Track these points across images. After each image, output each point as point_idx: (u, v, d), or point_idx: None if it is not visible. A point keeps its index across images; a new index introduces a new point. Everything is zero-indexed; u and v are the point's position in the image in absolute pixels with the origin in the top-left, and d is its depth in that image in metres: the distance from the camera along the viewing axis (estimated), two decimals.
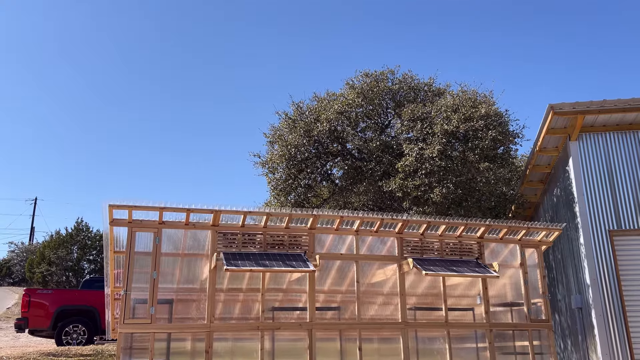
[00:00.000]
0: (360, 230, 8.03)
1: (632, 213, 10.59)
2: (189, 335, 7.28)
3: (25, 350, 11.41)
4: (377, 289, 8.46)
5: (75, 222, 35.57)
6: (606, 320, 10.09)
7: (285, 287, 8.20)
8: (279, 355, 7.61)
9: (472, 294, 8.57)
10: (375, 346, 8.05)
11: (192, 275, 7.65)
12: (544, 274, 8.55)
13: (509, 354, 8.32)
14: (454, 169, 12.58)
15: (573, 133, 11.02)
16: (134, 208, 6.87)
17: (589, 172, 10.97)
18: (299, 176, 14.36)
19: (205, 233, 7.47)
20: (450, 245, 8.38)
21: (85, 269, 34.71)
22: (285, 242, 7.69)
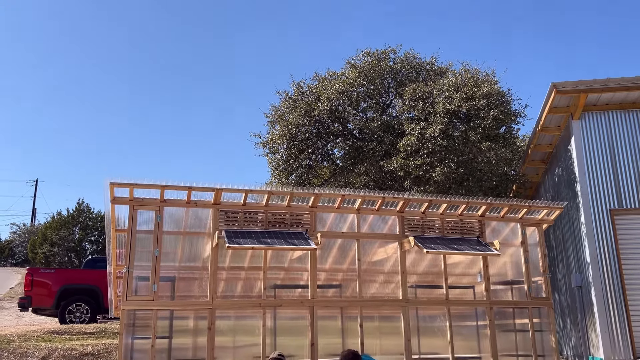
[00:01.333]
0: (361, 209, 8.03)
1: (634, 192, 10.58)
2: (192, 313, 7.33)
3: (29, 328, 11.51)
4: (378, 267, 8.50)
5: (76, 203, 35.67)
6: (606, 298, 10.15)
7: (286, 265, 8.24)
8: (281, 332, 7.67)
9: (472, 272, 8.61)
10: (376, 324, 8.11)
11: (194, 254, 7.68)
12: (544, 253, 8.57)
13: (509, 331, 8.38)
14: (455, 148, 12.54)
15: (575, 112, 10.96)
16: (135, 186, 6.86)
17: (591, 151, 10.94)
18: (299, 156, 14.34)
19: (206, 211, 7.47)
20: (452, 223, 8.39)
21: (87, 250, 34.90)
22: (286, 221, 7.70)
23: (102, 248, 32.45)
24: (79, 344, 9.61)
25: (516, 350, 8.30)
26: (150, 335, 6.74)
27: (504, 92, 13.53)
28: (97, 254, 32.32)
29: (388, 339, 7.95)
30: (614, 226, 10.48)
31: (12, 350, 8.93)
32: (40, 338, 10.15)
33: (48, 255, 33.10)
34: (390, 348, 7.82)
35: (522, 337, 8.30)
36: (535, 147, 12.81)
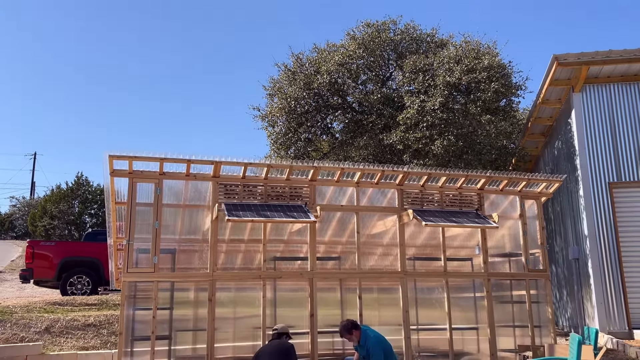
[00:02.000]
0: (360, 182, 8.03)
1: (633, 165, 10.59)
2: (192, 285, 7.40)
3: (31, 300, 11.63)
4: (377, 240, 8.55)
5: (75, 177, 35.64)
6: (602, 270, 10.25)
7: (286, 238, 8.28)
8: (281, 304, 7.75)
9: (471, 244, 8.67)
10: (375, 296, 8.20)
11: (194, 226, 7.71)
12: (543, 225, 8.62)
13: (506, 302, 8.48)
14: (455, 121, 12.49)
15: (577, 84, 10.88)
16: (134, 159, 6.84)
17: (591, 124, 10.90)
18: (298, 130, 14.27)
19: (206, 184, 7.47)
20: (451, 196, 8.41)
21: (87, 223, 35.01)
22: (286, 194, 7.71)
23: (102, 221, 32.56)
24: (81, 315, 9.72)
25: (513, 321, 8.41)
26: (151, 307, 6.81)
27: (504, 65, 13.41)
28: (97, 227, 32.44)
29: (386, 311, 8.04)
30: (613, 199, 10.51)
31: (15, 321, 9.03)
32: (43, 309, 10.26)
33: (48, 228, 33.22)
34: (388, 319, 7.92)
35: (519, 308, 8.40)
36: (536, 120, 12.77)
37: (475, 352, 8.20)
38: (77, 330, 9.17)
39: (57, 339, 8.83)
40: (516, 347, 8.09)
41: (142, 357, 6.85)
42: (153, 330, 6.73)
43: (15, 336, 8.57)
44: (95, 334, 9.13)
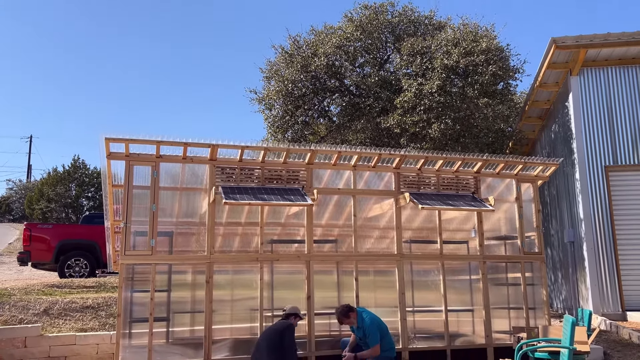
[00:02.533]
0: (357, 166, 8.04)
1: (629, 149, 10.62)
2: (190, 268, 7.43)
3: (29, 282, 11.68)
4: (374, 223, 8.58)
5: (72, 160, 35.56)
6: (597, 253, 10.33)
7: (283, 221, 8.30)
8: (278, 286, 7.81)
9: (467, 228, 8.71)
10: (371, 278, 8.26)
11: (191, 209, 7.72)
12: (538, 209, 8.66)
13: (501, 284, 8.56)
14: (452, 104, 12.47)
15: (574, 68, 10.86)
16: (131, 141, 6.82)
17: (588, 108, 10.90)
18: (296, 113, 14.23)
19: (203, 167, 7.47)
20: (447, 180, 8.43)
21: (84, 206, 35.02)
22: (283, 177, 7.71)
23: (100, 204, 32.56)
24: (79, 297, 9.77)
25: (508, 304, 8.49)
26: (149, 289, 6.85)
27: (502, 48, 13.36)
28: (94, 210, 32.46)
29: (383, 293, 8.11)
30: (608, 183, 10.56)
31: (14, 303, 9.08)
32: (41, 291, 10.31)
33: (45, 211, 33.24)
34: (384, 301, 7.99)
35: (514, 290, 8.48)
36: (533, 104, 12.76)
37: (470, 334, 8.29)
38: (75, 312, 9.22)
39: (56, 320, 8.88)
40: (511, 329, 8.18)
41: (140, 338, 6.90)
42: (151, 312, 6.78)
43: (14, 318, 8.62)
44: (93, 316, 9.19)
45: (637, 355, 7.64)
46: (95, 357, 8.40)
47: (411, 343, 7.82)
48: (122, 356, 6.65)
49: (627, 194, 10.58)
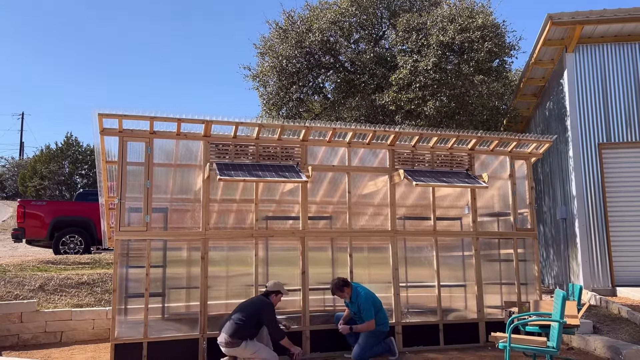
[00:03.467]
0: (352, 143, 8.03)
1: (623, 126, 10.66)
2: (185, 244, 7.45)
3: (24, 259, 11.70)
4: (368, 200, 8.61)
5: (64, 137, 35.32)
6: (588, 230, 10.44)
7: (278, 198, 8.31)
8: (273, 263, 7.86)
9: (460, 204, 8.76)
10: (365, 254, 8.32)
11: (185, 186, 7.71)
12: (532, 185, 8.71)
13: (493, 260, 8.65)
14: (448, 82, 12.42)
15: (570, 44, 10.82)
16: (124, 117, 6.77)
17: (583, 85, 10.90)
18: (290, 90, 14.14)
19: (197, 144, 7.44)
20: (441, 157, 8.45)
21: (78, 184, 34.91)
22: (277, 154, 7.70)
23: (93, 182, 32.47)
24: (75, 274, 9.81)
25: (500, 279, 8.59)
26: (144, 265, 6.88)
27: (498, 24, 13.27)
28: (88, 188, 32.37)
29: (376, 269, 8.18)
30: (601, 160, 10.62)
31: (9, 280, 9.11)
32: (36, 268, 10.34)
33: (39, 188, 33.12)
34: (378, 277, 8.07)
35: (507, 266, 8.57)
36: (528, 81, 12.73)
37: (462, 309, 8.41)
38: (70, 288, 9.27)
39: (52, 296, 8.93)
40: (502, 304, 8.30)
41: (135, 314, 6.96)
42: (147, 288, 6.82)
43: (10, 294, 8.66)
44: (89, 292, 9.25)
45: (626, 329, 7.79)
46: (91, 333, 8.48)
47: (404, 318, 7.93)
48: (118, 331, 6.71)
49: (619, 171, 10.65)
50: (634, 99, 10.69)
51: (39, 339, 8.14)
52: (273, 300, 6.56)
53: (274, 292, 6.61)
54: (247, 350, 6.11)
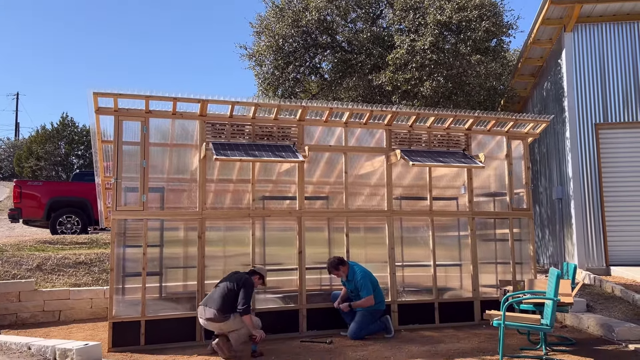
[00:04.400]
0: (349, 122, 8.01)
1: (620, 106, 10.65)
2: (182, 224, 7.46)
3: (21, 239, 11.72)
4: (365, 180, 8.61)
5: (60, 117, 35.10)
6: (584, 210, 10.50)
7: (274, 178, 8.32)
8: (270, 243, 7.89)
9: (457, 185, 8.78)
10: (362, 235, 8.35)
11: (182, 166, 7.70)
12: (528, 166, 8.72)
13: (489, 240, 8.70)
14: (445, 62, 12.35)
15: (569, 24, 10.75)
16: (120, 96, 6.72)
17: (581, 65, 10.86)
18: (286, 69, 14.05)
19: (193, 123, 7.40)
20: (438, 137, 8.43)
21: (75, 164, 34.81)
22: (274, 134, 7.67)
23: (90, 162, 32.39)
24: (72, 254, 9.84)
25: (495, 259, 8.66)
26: (141, 244, 6.90)
27: (496, 3, 13.17)
28: (85, 169, 32.30)
29: (373, 249, 8.22)
30: (598, 141, 10.63)
31: (7, 259, 9.13)
32: (33, 247, 10.36)
33: (35, 169, 33.03)
34: (374, 257, 8.12)
35: (502, 246, 8.63)
36: (526, 61, 12.67)
37: (458, 288, 8.48)
38: (68, 267, 9.30)
39: (49, 276, 8.97)
40: (497, 283, 8.37)
41: (133, 293, 6.99)
42: (144, 267, 6.85)
43: (7, 273, 8.69)
44: (86, 272, 9.29)
45: (619, 308, 7.88)
46: (89, 312, 8.53)
47: (400, 297, 8.00)
48: (116, 310, 6.75)
49: (616, 151, 10.68)
50: (631, 79, 10.66)
51: (38, 317, 8.19)
52: (255, 281, 6.55)
53: (258, 275, 6.62)
54: (236, 322, 6.12)
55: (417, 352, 6.30)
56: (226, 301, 6.17)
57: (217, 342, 6.09)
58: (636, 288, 8.53)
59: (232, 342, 6.15)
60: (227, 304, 6.15)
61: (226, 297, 6.19)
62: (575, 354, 6.12)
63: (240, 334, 6.18)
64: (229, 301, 6.17)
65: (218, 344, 6.08)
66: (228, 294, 6.20)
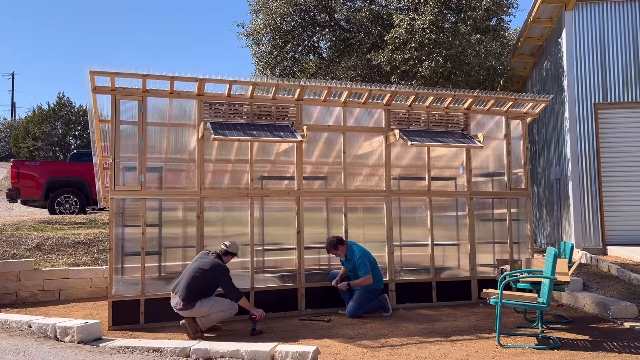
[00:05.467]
0: (348, 102, 7.97)
1: (620, 86, 10.61)
2: (180, 204, 7.47)
3: (20, 219, 11.72)
4: (364, 160, 8.61)
5: (56, 97, 34.87)
6: (582, 190, 10.53)
7: (273, 158, 8.30)
8: (269, 223, 7.90)
9: (455, 165, 8.78)
10: (360, 215, 8.37)
11: (180, 145, 7.67)
12: (527, 145, 8.71)
13: (487, 220, 8.73)
14: (444, 41, 12.25)
15: (569, 2, 10.65)
16: (117, 75, 6.66)
17: (581, 44, 10.78)
18: (284, 48, 13.93)
19: (190, 103, 7.36)
20: (437, 117, 8.40)
21: (72, 145, 34.70)
22: (272, 113, 7.64)
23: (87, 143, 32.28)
24: (71, 233, 9.85)
25: (493, 238, 8.70)
26: (140, 224, 6.90)
27: None
28: (82, 149, 32.19)
29: (371, 229, 8.25)
30: (597, 121, 10.61)
31: (5, 239, 9.14)
32: (32, 227, 10.37)
33: (32, 149, 32.92)
34: (372, 237, 8.15)
35: (500, 226, 8.67)
36: (526, 40, 12.57)
37: (455, 267, 8.54)
38: (67, 247, 9.33)
39: (48, 255, 8.99)
40: (495, 262, 8.42)
41: (132, 273, 7.02)
42: (143, 246, 6.86)
43: (6, 253, 8.71)
44: (85, 251, 9.31)
45: (615, 287, 7.95)
46: (89, 291, 8.58)
47: (398, 276, 8.05)
48: (116, 289, 6.79)
49: (614, 131, 10.66)
50: (631, 59, 10.60)
51: (38, 297, 8.24)
52: (226, 260, 6.44)
53: (230, 254, 6.49)
54: (203, 309, 6.08)
55: (414, 330, 6.37)
56: (191, 289, 6.07)
57: (184, 322, 6.13)
58: (632, 267, 8.60)
59: (199, 324, 6.14)
60: (193, 292, 6.07)
61: (192, 284, 6.09)
62: (571, 332, 6.19)
63: (210, 319, 6.17)
64: (194, 288, 6.08)
65: (184, 324, 6.12)
66: (193, 282, 6.10)
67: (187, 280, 6.15)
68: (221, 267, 6.25)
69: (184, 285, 6.14)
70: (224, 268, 6.27)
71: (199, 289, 6.11)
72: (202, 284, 6.13)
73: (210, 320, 6.17)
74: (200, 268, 6.21)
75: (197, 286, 6.10)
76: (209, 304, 6.10)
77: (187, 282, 6.13)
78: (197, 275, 6.15)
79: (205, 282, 6.15)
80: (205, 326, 6.18)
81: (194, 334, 6.06)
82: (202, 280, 6.13)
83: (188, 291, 6.08)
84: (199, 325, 6.13)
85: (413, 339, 5.94)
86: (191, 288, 6.09)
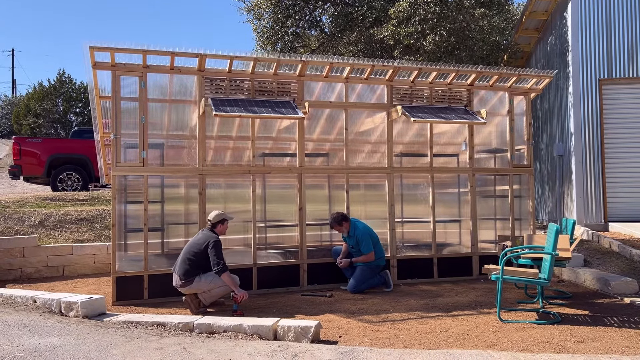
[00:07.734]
0: (350, 78, 7.89)
1: (625, 61, 10.48)
2: (182, 181, 7.47)
3: (22, 195, 11.75)
4: (366, 137, 8.57)
5: (57, 74, 34.67)
6: (584, 166, 10.49)
7: (274, 135, 8.27)
8: (270, 200, 7.92)
9: (458, 141, 8.74)
10: (362, 192, 8.38)
11: (181, 122, 7.64)
12: (530, 122, 8.65)
13: (489, 197, 8.73)
14: (448, 15, 12.08)
15: None
16: (117, 50, 6.60)
17: (586, 19, 10.62)
18: (286, 23, 13.77)
19: (191, 79, 7.30)
20: (440, 93, 8.34)
21: (73, 122, 34.63)
22: (273, 90, 7.58)
23: (88, 120, 32.20)
24: (74, 210, 9.89)
25: (495, 215, 8.71)
26: (142, 200, 6.92)
27: None
28: (83, 126, 32.11)
29: (373, 206, 8.26)
30: (601, 96, 10.52)
31: (9, 216, 9.18)
32: (35, 204, 10.41)
33: (33, 126, 32.88)
34: (374, 214, 8.16)
35: (502, 202, 8.66)
36: (530, 15, 12.39)
37: (456, 244, 8.56)
38: (70, 224, 9.37)
39: (52, 232, 9.04)
40: (496, 239, 8.45)
41: (135, 249, 7.07)
42: (145, 223, 6.89)
43: (10, 229, 8.76)
44: (88, 228, 9.36)
45: (616, 262, 7.98)
46: (92, 267, 8.65)
47: (399, 252, 8.08)
48: (119, 265, 6.83)
49: (618, 107, 10.58)
50: (637, 34, 10.45)
51: (42, 272, 8.31)
52: (220, 230, 6.38)
53: (219, 222, 6.40)
54: (202, 285, 6.13)
55: (415, 305, 6.42)
56: (188, 265, 6.13)
57: (185, 298, 6.19)
58: (633, 243, 8.62)
59: (202, 300, 6.20)
60: (190, 268, 6.12)
61: (188, 260, 6.15)
62: (571, 307, 6.24)
63: (212, 295, 6.22)
64: (191, 264, 6.13)
65: (186, 300, 6.18)
66: (190, 258, 6.16)
67: (182, 257, 6.25)
68: (211, 237, 6.23)
69: (180, 262, 6.23)
70: (215, 238, 6.20)
71: (195, 263, 6.16)
72: (197, 258, 6.17)
73: (212, 296, 6.23)
74: (195, 243, 6.28)
75: (192, 261, 6.16)
76: (208, 279, 6.14)
77: (183, 259, 6.23)
78: (192, 250, 6.22)
79: (199, 256, 6.18)
80: (208, 301, 6.23)
81: (197, 309, 6.12)
82: (196, 254, 6.18)
83: (185, 267, 6.16)
84: (201, 300, 6.19)
85: (414, 314, 5.99)
86: (187, 264, 6.16)
